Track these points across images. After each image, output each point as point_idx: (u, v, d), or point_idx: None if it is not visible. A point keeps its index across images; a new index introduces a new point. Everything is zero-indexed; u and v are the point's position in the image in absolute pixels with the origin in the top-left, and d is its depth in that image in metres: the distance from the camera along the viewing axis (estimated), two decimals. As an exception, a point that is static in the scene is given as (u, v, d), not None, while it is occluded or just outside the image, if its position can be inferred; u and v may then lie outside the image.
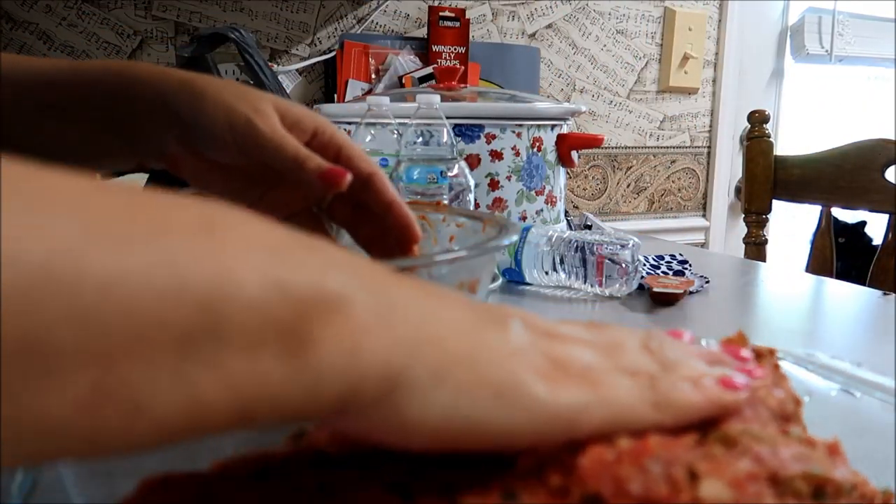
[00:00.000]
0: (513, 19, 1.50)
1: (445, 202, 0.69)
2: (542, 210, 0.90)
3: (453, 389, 0.20)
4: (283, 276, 0.18)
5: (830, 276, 1.11)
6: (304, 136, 0.42)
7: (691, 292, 0.73)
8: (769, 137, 1.24)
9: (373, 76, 1.33)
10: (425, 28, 1.39)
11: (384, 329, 0.19)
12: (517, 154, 0.86)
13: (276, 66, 1.27)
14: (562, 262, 0.71)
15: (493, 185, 0.86)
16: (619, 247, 0.69)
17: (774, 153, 1.24)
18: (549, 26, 1.54)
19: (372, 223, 0.45)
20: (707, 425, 0.24)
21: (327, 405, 0.18)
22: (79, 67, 0.44)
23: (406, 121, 0.70)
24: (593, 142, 0.94)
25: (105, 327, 0.14)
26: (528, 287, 0.75)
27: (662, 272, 0.80)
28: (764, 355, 0.29)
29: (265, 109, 0.41)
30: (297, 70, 1.31)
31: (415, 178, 0.67)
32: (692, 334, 0.29)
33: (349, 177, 0.40)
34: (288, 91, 1.26)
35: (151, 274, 0.15)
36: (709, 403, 0.24)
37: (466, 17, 1.39)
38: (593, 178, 1.66)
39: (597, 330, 0.27)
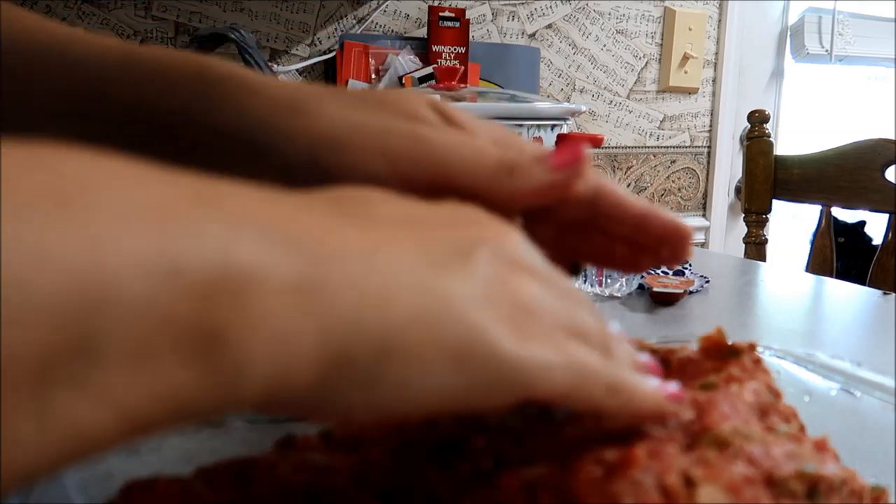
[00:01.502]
0: (513, 19, 1.50)
1: (445, 202, 0.68)
2: (542, 210, 0.90)
3: (403, 362, 0.17)
4: (173, 258, 0.14)
5: (830, 275, 1.11)
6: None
7: (691, 292, 0.73)
8: (769, 137, 1.24)
9: (373, 76, 1.33)
10: (425, 28, 1.39)
11: (313, 302, 0.16)
12: (517, 154, 0.86)
13: (276, 66, 1.27)
14: (562, 262, 0.71)
15: (493, 185, 0.86)
16: (619, 247, 0.69)
17: (774, 153, 1.24)
18: (549, 26, 1.54)
19: (594, 238, 0.31)
20: (691, 426, 0.24)
21: (249, 402, 0.16)
22: (131, 56, 0.30)
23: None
24: (593, 142, 0.94)
25: None
26: (528, 287, 0.74)
27: (662, 272, 0.80)
28: (744, 350, 0.29)
29: (424, 113, 0.28)
30: (297, 70, 1.31)
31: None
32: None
33: (586, 152, 0.27)
34: (288, 91, 1.26)
35: None
36: (654, 407, 0.22)
37: (466, 17, 1.39)
38: (593, 178, 1.66)
39: (558, 276, 0.22)
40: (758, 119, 1.24)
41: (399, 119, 0.27)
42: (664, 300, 0.69)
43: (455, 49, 1.38)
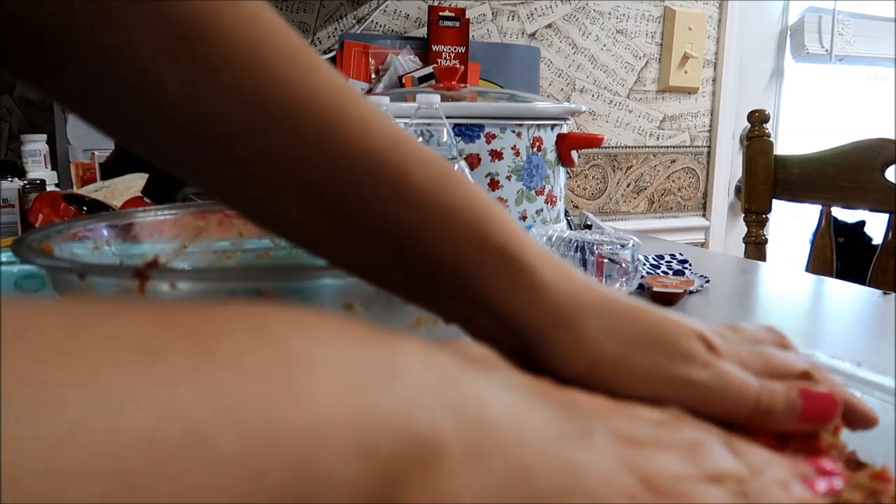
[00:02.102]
0: (513, 19, 1.50)
1: (445, 202, 0.68)
2: (542, 210, 0.90)
3: None
4: (366, 438, 0.16)
5: (830, 275, 1.11)
6: None
7: (691, 292, 0.73)
8: (769, 137, 1.24)
9: (373, 76, 1.33)
10: (425, 28, 1.39)
11: (476, 467, 0.19)
12: (517, 154, 0.86)
13: (275, 65, 1.27)
14: (562, 261, 0.71)
15: (493, 184, 0.86)
16: (619, 246, 0.69)
17: (774, 153, 1.24)
18: (549, 26, 1.54)
19: None
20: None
21: None
22: (407, 190, 0.27)
23: (406, 121, 0.70)
24: (593, 141, 0.94)
25: None
26: (528, 287, 0.74)
27: (662, 272, 0.80)
28: None
29: (692, 347, 0.28)
30: (296, 70, 1.31)
31: (415, 177, 0.67)
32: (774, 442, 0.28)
33: (839, 405, 0.28)
34: (288, 91, 1.27)
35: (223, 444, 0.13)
36: None
37: (466, 16, 1.39)
38: (593, 177, 1.66)
39: (674, 426, 0.26)
40: (758, 119, 1.24)
41: (674, 362, 0.28)
42: (664, 300, 0.69)
43: (455, 49, 1.38)
